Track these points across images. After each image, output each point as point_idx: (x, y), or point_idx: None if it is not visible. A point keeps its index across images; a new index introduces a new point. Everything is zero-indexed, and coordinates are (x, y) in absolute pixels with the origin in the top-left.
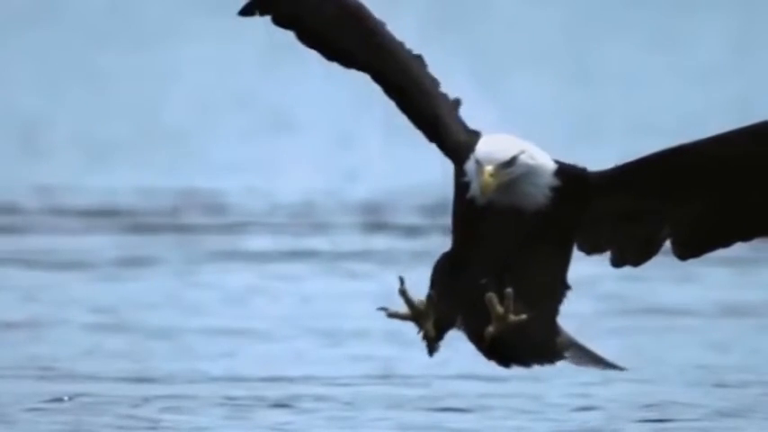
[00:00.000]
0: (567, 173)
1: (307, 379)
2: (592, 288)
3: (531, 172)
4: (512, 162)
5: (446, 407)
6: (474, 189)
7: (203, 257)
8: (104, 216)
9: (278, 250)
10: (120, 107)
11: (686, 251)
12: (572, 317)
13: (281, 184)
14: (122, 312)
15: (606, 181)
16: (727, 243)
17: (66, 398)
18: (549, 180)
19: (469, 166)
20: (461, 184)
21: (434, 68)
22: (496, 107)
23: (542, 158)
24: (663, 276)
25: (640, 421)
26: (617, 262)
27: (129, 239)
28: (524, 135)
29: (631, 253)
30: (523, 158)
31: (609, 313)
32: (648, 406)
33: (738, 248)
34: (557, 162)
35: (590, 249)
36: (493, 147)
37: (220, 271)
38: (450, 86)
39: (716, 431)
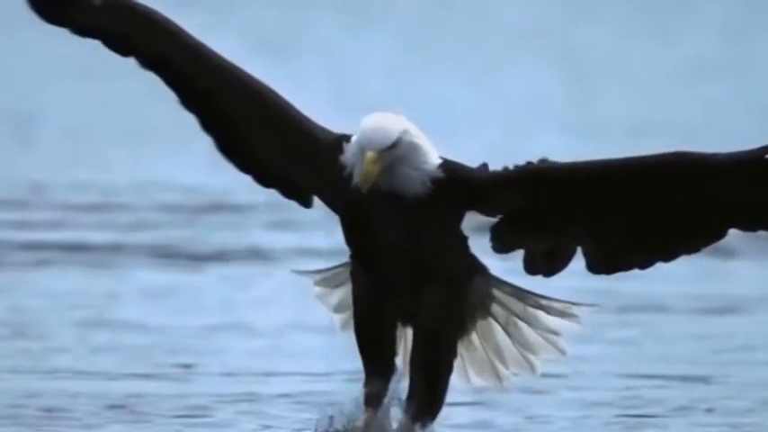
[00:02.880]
0: (451, 168)
1: (308, 374)
2: (583, 283)
3: (412, 152)
4: (394, 145)
5: (449, 401)
6: (356, 176)
7: (198, 253)
8: (99, 211)
9: (274, 245)
10: (115, 102)
11: (596, 267)
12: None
13: None
14: (117, 308)
15: (495, 183)
16: (640, 265)
17: (72, 396)
18: (431, 168)
19: (348, 156)
20: (343, 178)
21: (431, 62)
22: (487, 99)
23: (425, 143)
24: (653, 272)
25: (632, 416)
26: (528, 269)
27: (123, 235)
28: (517, 126)
29: (540, 261)
30: (406, 138)
31: (600, 310)
32: (639, 401)
33: (736, 242)
34: (442, 158)
35: (502, 249)
36: (375, 130)
37: (215, 266)
38: (446, 79)
39: (708, 427)
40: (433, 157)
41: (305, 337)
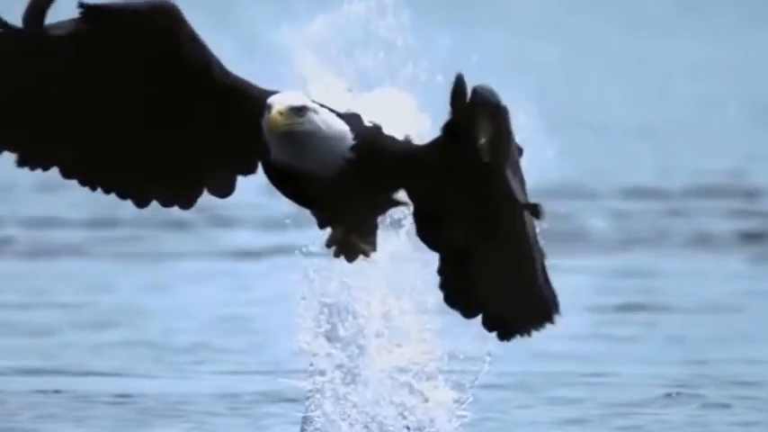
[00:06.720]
0: (366, 144)
1: (316, 372)
2: (588, 282)
3: (321, 135)
4: (302, 111)
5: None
6: (269, 141)
7: (202, 252)
8: (98, 210)
9: (277, 243)
10: None
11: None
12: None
13: None
14: (118, 308)
15: (412, 154)
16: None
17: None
18: (343, 151)
19: (264, 121)
20: (263, 145)
21: (429, 59)
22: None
23: (338, 127)
24: (653, 270)
25: (624, 415)
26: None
27: (125, 233)
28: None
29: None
30: (315, 117)
31: (602, 309)
32: (645, 400)
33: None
34: (361, 130)
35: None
36: (285, 94)
37: (218, 266)
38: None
39: (718, 426)
40: (347, 138)
41: (309, 333)
